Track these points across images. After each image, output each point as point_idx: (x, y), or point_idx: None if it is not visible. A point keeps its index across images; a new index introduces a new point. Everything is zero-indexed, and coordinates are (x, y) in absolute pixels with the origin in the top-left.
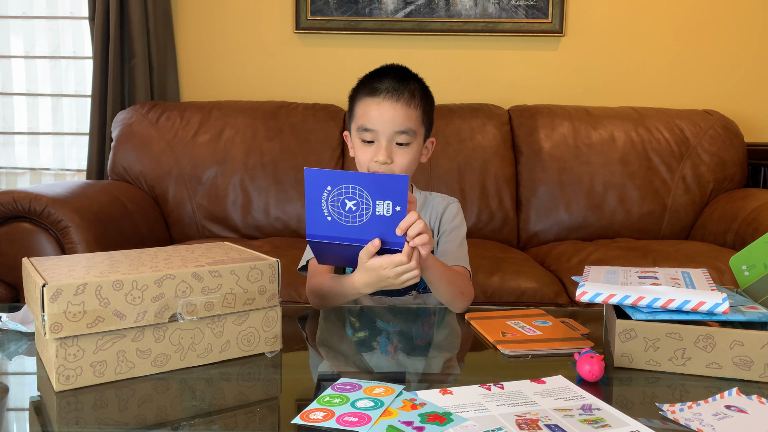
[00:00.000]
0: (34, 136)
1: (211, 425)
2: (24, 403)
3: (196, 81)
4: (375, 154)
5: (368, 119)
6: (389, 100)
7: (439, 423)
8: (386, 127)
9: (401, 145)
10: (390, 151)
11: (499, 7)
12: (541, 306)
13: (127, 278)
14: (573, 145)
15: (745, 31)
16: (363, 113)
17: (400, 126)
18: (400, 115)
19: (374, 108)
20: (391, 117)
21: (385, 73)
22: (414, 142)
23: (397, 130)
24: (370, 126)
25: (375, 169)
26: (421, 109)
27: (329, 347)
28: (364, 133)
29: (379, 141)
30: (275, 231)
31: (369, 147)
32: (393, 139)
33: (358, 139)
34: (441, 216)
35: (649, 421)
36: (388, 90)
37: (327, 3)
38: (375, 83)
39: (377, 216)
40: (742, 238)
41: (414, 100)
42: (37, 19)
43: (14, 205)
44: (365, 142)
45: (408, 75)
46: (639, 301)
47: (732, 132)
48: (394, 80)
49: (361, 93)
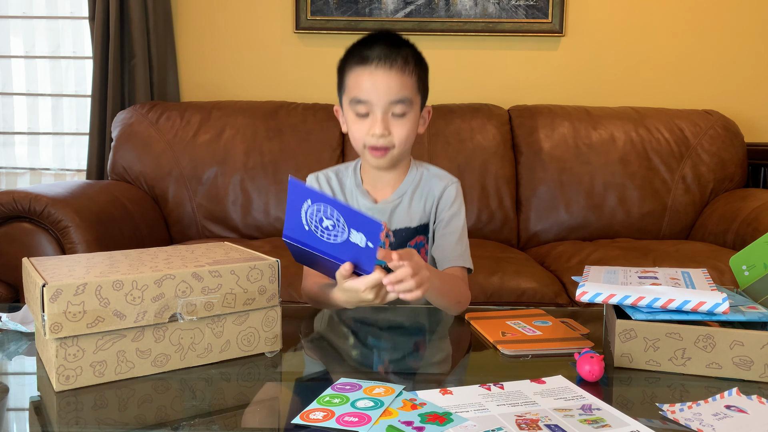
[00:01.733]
0: (34, 136)
1: (211, 425)
2: (24, 403)
3: (196, 81)
4: (371, 128)
5: (361, 90)
6: (382, 67)
7: (439, 423)
8: (381, 98)
9: (397, 116)
10: (387, 123)
11: (499, 7)
12: (541, 306)
13: (127, 278)
14: (573, 145)
15: (745, 31)
16: (355, 84)
17: (396, 95)
18: (395, 84)
19: (366, 77)
20: (386, 86)
21: (375, 40)
22: (411, 111)
23: (392, 100)
24: (364, 97)
25: (372, 144)
26: (416, 75)
27: (329, 347)
28: (358, 106)
29: (374, 113)
30: (275, 231)
31: (364, 120)
32: (389, 110)
33: (352, 113)
34: (438, 201)
35: (649, 421)
36: (380, 57)
37: (327, 3)
38: (365, 51)
39: (351, 242)
40: (742, 238)
41: (408, 66)
42: (37, 19)
43: (14, 205)
44: (359, 116)
45: (399, 41)
46: (639, 301)
47: (732, 132)
48: (386, 46)
49: (351, 62)
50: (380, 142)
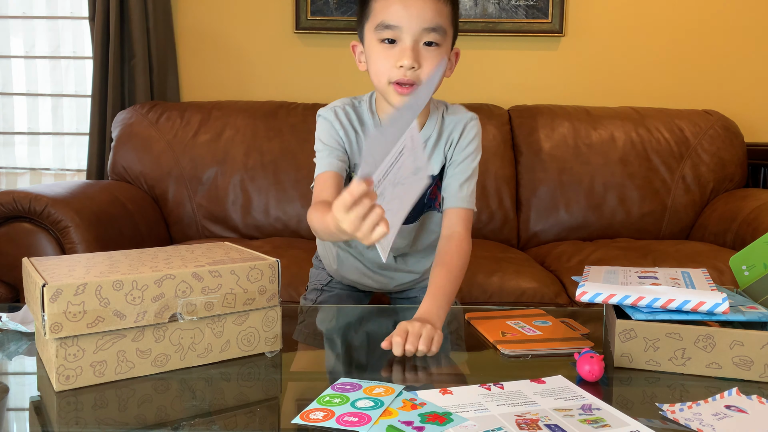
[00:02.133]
0: (34, 136)
1: (211, 425)
2: (24, 403)
3: (196, 81)
4: (399, 58)
5: (390, 14)
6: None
7: (439, 423)
8: (413, 23)
9: (429, 46)
10: (417, 53)
11: (499, 7)
12: (541, 306)
13: (127, 278)
14: (573, 145)
15: (746, 31)
16: (383, 7)
17: (430, 22)
18: (430, 8)
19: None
20: (420, 10)
21: None
22: (444, 44)
23: (426, 27)
24: (393, 21)
25: (398, 78)
26: (452, 4)
27: (329, 347)
28: (384, 31)
29: (402, 40)
30: (275, 231)
31: (390, 49)
32: (421, 39)
33: (375, 40)
34: (456, 143)
35: (649, 421)
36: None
37: (327, 3)
38: None
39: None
40: (741, 238)
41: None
42: (37, 19)
43: (14, 205)
44: (385, 42)
45: None
46: (639, 301)
47: (732, 132)
48: None
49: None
50: (408, 75)
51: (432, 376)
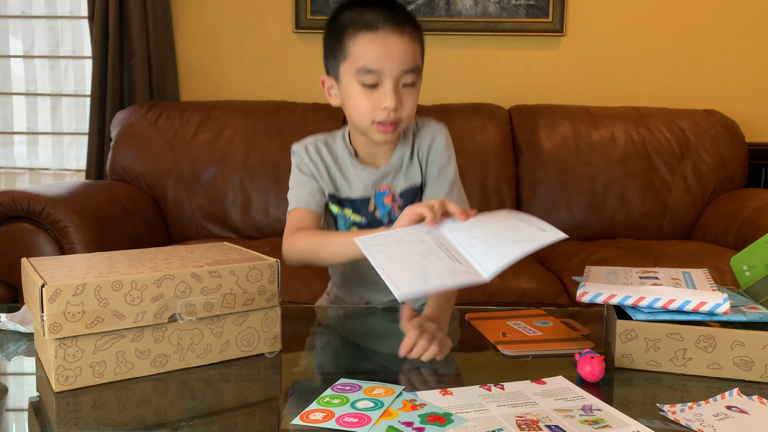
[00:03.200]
0: (33, 136)
1: (211, 426)
2: (23, 403)
3: (195, 81)
4: (381, 100)
5: (372, 59)
6: (395, 34)
7: (439, 424)
8: (394, 67)
9: (407, 86)
10: (399, 94)
11: (499, 6)
12: (541, 306)
13: (126, 278)
14: (573, 145)
15: (746, 31)
16: (363, 52)
17: (409, 63)
18: (409, 52)
19: (378, 45)
20: (400, 54)
21: (374, 2)
22: (418, 81)
23: (405, 69)
24: (375, 67)
25: (382, 118)
26: (420, 41)
27: (329, 347)
28: (367, 76)
29: (384, 84)
30: (275, 231)
31: (372, 92)
32: (400, 80)
33: (356, 84)
34: (427, 155)
35: (650, 422)
36: (389, 22)
37: (327, 3)
38: (367, 15)
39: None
40: (743, 238)
41: (415, 32)
42: (36, 19)
43: (13, 205)
44: (366, 87)
45: (398, 4)
46: (640, 302)
47: (733, 132)
48: (389, 9)
49: (354, 28)
50: (392, 116)
51: (432, 376)
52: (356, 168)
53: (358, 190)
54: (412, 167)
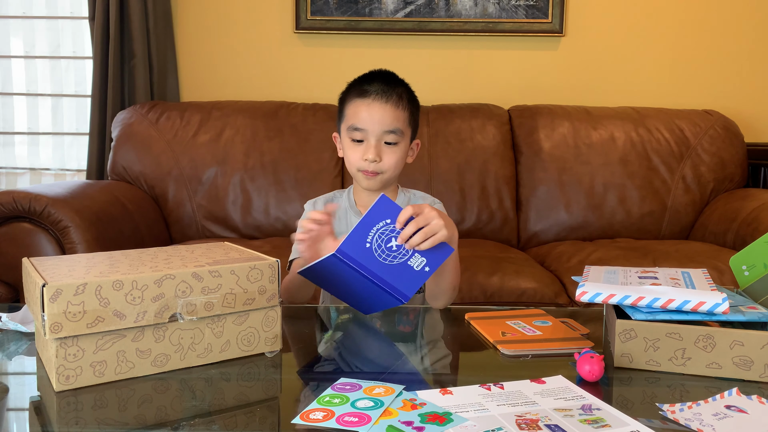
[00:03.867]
0: (34, 136)
1: (211, 425)
2: (24, 403)
3: (196, 81)
4: (364, 153)
5: (359, 119)
6: (379, 101)
7: (439, 423)
8: (376, 127)
9: (389, 144)
10: (379, 149)
11: (499, 7)
12: (541, 306)
13: (127, 278)
14: (573, 145)
15: (745, 31)
16: (353, 114)
17: (389, 125)
18: (389, 116)
19: (364, 108)
20: (381, 117)
21: (374, 77)
22: (401, 141)
23: (386, 130)
24: (361, 125)
25: (364, 168)
26: (408, 111)
27: (329, 347)
28: (354, 132)
29: (368, 140)
30: (275, 231)
31: (359, 146)
32: (382, 139)
33: (348, 139)
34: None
35: (649, 421)
36: (378, 92)
37: (327, 3)
38: (364, 86)
39: (407, 265)
40: (742, 238)
41: (402, 102)
42: (37, 19)
43: (14, 205)
44: (355, 141)
45: (396, 80)
46: (639, 301)
47: (732, 132)
48: (383, 83)
49: (351, 95)
50: (371, 166)
51: (432, 376)
52: (354, 217)
53: None
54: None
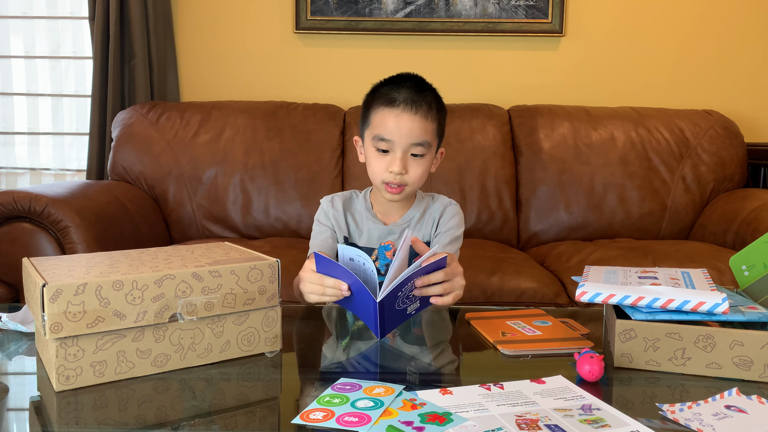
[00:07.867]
0: (34, 136)
1: (211, 425)
2: (24, 403)
3: (196, 81)
4: (390, 165)
5: (386, 130)
6: (408, 112)
7: (439, 423)
8: (403, 139)
9: (416, 156)
10: (405, 162)
11: (499, 7)
12: (541, 306)
13: (127, 278)
14: (573, 146)
15: (745, 31)
16: (380, 123)
17: (417, 138)
18: (418, 128)
19: (392, 119)
20: (409, 129)
21: (402, 82)
22: (428, 153)
23: (413, 142)
24: (387, 136)
25: (389, 180)
26: (437, 121)
27: (329, 347)
28: (380, 143)
29: (394, 152)
30: (275, 231)
31: (384, 157)
32: (409, 151)
33: (373, 148)
34: (438, 219)
35: (649, 421)
36: (407, 101)
37: (327, 3)
38: (392, 93)
39: (405, 309)
40: (741, 238)
41: (431, 112)
42: (37, 19)
43: (14, 205)
44: (380, 151)
45: (424, 85)
46: (639, 301)
47: (732, 132)
48: (412, 91)
49: (378, 102)
50: (397, 179)
51: (432, 376)
52: (368, 221)
53: (365, 239)
54: (418, 229)
